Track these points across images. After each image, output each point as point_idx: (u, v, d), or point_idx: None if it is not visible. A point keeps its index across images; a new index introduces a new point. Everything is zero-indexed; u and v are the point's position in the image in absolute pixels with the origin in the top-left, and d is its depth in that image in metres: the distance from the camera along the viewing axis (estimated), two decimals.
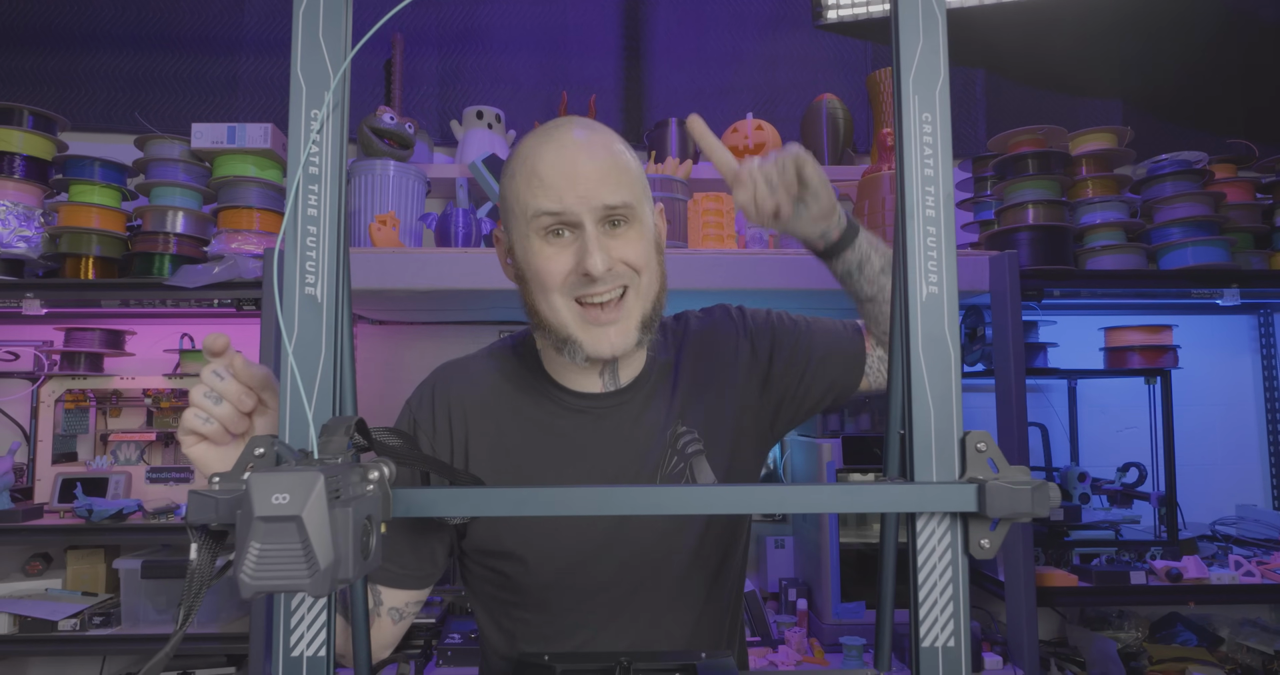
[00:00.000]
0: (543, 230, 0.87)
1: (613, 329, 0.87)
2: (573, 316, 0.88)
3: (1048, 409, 2.55)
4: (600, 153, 0.87)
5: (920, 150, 0.60)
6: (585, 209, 0.85)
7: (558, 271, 0.86)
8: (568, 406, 0.96)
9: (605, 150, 0.88)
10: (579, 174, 0.85)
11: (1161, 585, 1.98)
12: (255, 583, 0.45)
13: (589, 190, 0.85)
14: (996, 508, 0.55)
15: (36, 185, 1.96)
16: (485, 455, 0.94)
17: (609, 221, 0.87)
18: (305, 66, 0.59)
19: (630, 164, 0.90)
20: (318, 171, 0.59)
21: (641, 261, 0.88)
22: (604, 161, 0.87)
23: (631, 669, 0.75)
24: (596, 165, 0.86)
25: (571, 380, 0.96)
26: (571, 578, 0.94)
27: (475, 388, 0.97)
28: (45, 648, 1.88)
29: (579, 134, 0.88)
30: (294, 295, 0.58)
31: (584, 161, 0.86)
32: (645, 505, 0.58)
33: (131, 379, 2.11)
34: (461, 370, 1.00)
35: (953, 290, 0.60)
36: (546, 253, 0.87)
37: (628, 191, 0.87)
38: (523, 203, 0.87)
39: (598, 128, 0.91)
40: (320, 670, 0.57)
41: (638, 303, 0.89)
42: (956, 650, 0.58)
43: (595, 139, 0.89)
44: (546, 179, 0.85)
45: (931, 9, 0.61)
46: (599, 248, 0.85)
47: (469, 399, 0.96)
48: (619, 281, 0.87)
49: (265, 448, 0.55)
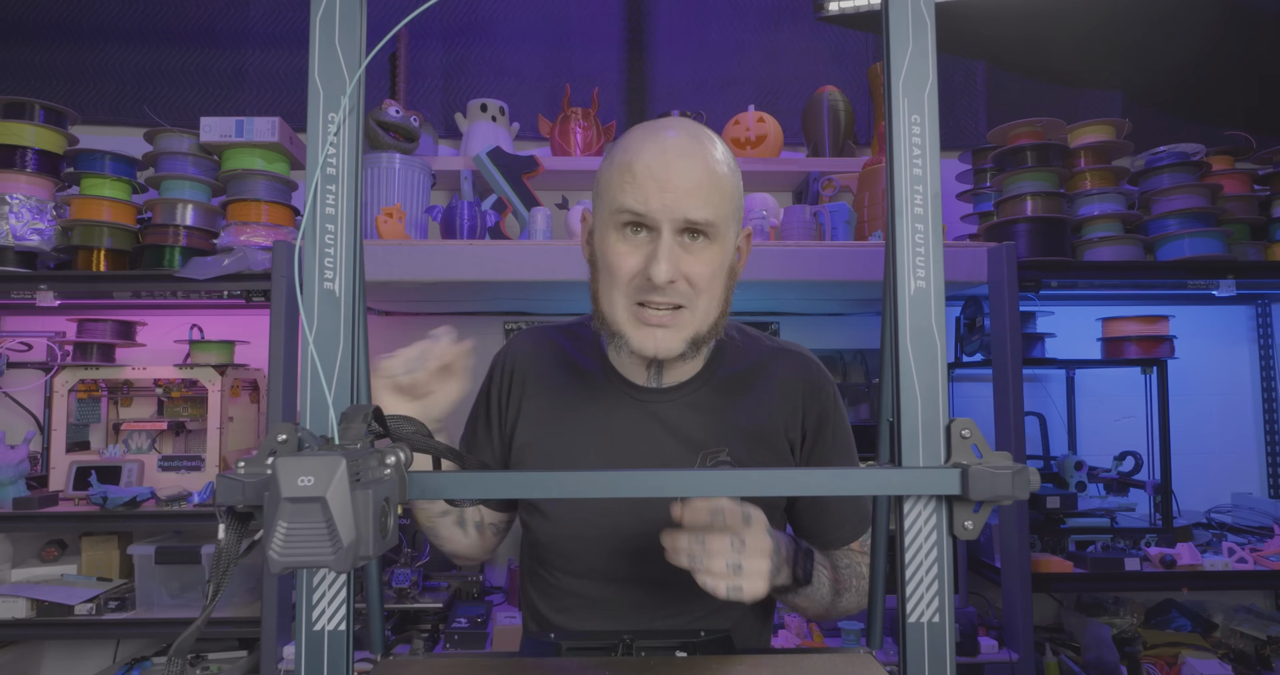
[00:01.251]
0: (621, 225, 0.88)
1: (661, 333, 0.88)
2: (627, 315, 0.90)
3: (1046, 399, 2.58)
4: (698, 165, 0.86)
5: (909, 150, 0.63)
6: (666, 217, 0.85)
7: (626, 269, 0.88)
8: (612, 389, 1.01)
9: (704, 163, 0.87)
10: (670, 181, 0.85)
11: (1155, 572, 2.02)
12: (283, 559, 0.49)
13: (675, 200, 0.85)
14: (979, 491, 0.58)
15: (48, 178, 1.99)
16: (535, 417, 1.02)
17: (688, 233, 0.87)
18: (322, 71, 0.62)
19: (726, 181, 0.89)
20: (335, 172, 0.62)
21: (705, 282, 0.88)
22: (699, 174, 0.86)
23: (634, 647, 0.78)
24: (690, 176, 0.85)
25: (622, 366, 1.01)
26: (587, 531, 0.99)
27: (539, 357, 1.06)
28: (62, 631, 1.92)
29: (684, 142, 0.87)
30: (313, 290, 0.61)
31: (679, 169, 0.85)
32: (640, 488, 0.61)
33: (143, 369, 2.14)
34: (533, 339, 1.08)
35: (939, 285, 0.63)
36: (620, 249, 0.88)
37: (714, 210, 0.86)
38: (611, 193, 0.89)
39: (705, 137, 0.90)
40: (340, 643, 0.60)
41: (691, 321, 0.89)
42: (941, 626, 0.61)
43: (697, 149, 0.87)
44: (639, 177, 0.86)
45: (921, 14, 0.64)
46: (668, 257, 0.85)
47: (530, 366, 1.05)
48: (677, 299, 0.88)
49: (288, 434, 0.58)
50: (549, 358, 1.06)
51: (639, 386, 1.01)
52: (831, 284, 2.01)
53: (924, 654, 0.61)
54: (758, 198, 2.25)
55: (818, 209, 2.14)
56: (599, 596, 1.01)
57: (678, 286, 0.87)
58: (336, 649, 0.60)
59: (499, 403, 1.06)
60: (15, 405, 2.35)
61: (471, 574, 2.11)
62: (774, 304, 2.45)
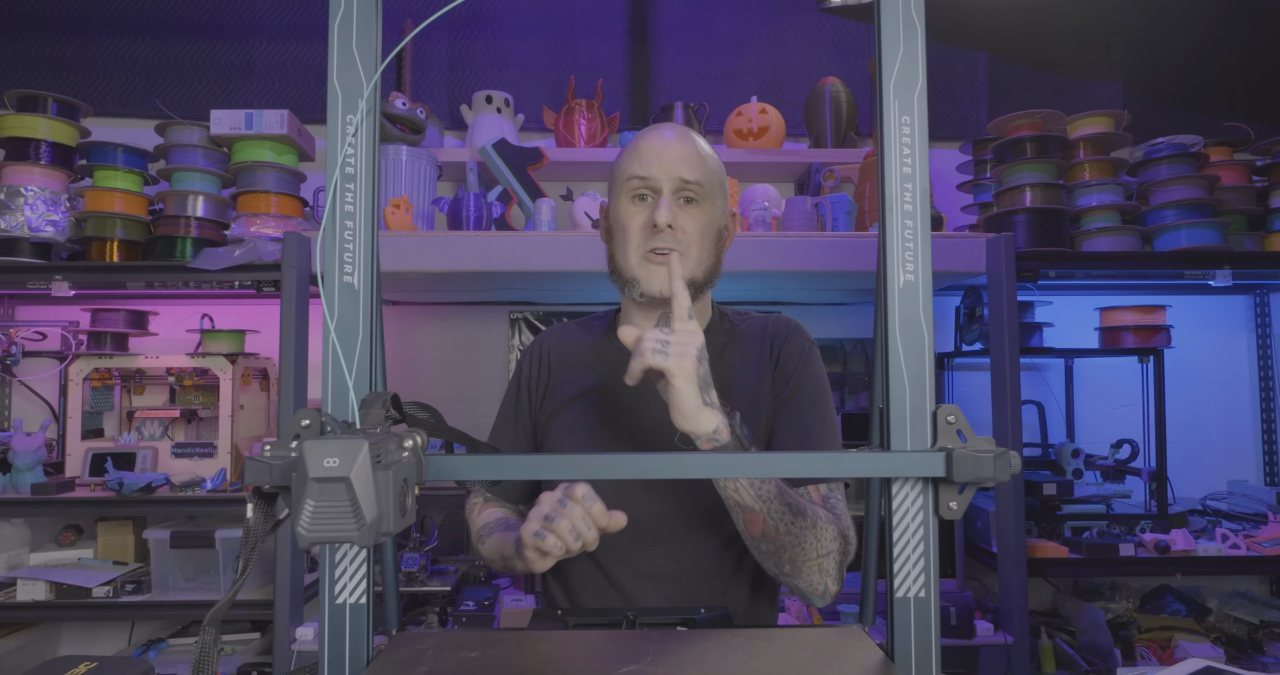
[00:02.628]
0: (631, 192, 1.09)
1: (662, 270, 1.05)
2: (639, 260, 1.09)
3: (1045, 387, 2.61)
4: (687, 142, 1.10)
5: (899, 150, 0.66)
6: (665, 177, 1.07)
7: (636, 224, 1.08)
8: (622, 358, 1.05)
9: (691, 143, 1.11)
10: (666, 151, 1.08)
11: (1149, 557, 2.05)
12: (310, 535, 0.52)
13: (671, 165, 1.07)
14: (962, 473, 0.62)
15: (62, 171, 2.02)
16: (567, 394, 1.16)
17: (683, 196, 1.08)
18: (341, 76, 0.65)
19: (710, 159, 1.11)
20: (354, 171, 0.65)
21: (697, 234, 1.08)
22: (688, 148, 1.09)
23: (637, 622, 0.82)
24: (682, 149, 1.09)
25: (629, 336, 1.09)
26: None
27: (567, 343, 1.22)
28: (80, 613, 1.97)
29: (675, 129, 1.12)
30: (334, 283, 0.65)
31: (672, 144, 1.09)
32: (640, 471, 0.64)
33: (155, 358, 2.18)
34: (561, 330, 1.26)
35: (928, 278, 0.66)
36: (630, 210, 1.09)
37: (702, 174, 1.09)
38: (622, 169, 1.11)
39: (693, 133, 1.14)
40: (361, 615, 0.64)
41: (688, 263, 1.08)
42: (927, 600, 0.65)
43: (686, 135, 1.12)
44: (642, 152, 1.09)
45: (912, 21, 0.67)
46: (667, 207, 1.06)
47: (559, 350, 1.21)
48: (673, 243, 1.07)
49: (311, 419, 0.62)
50: (577, 343, 1.21)
51: None
52: (832, 274, 2.04)
53: (911, 625, 0.64)
54: (760, 189, 2.27)
55: (819, 200, 2.17)
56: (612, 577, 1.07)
57: (675, 233, 1.07)
58: (357, 621, 0.64)
59: (529, 390, 1.20)
60: (31, 393, 2.40)
61: (477, 558, 2.16)
62: (776, 294, 2.48)
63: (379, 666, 0.64)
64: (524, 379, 1.21)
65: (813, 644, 0.70)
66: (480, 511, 1.17)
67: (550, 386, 1.19)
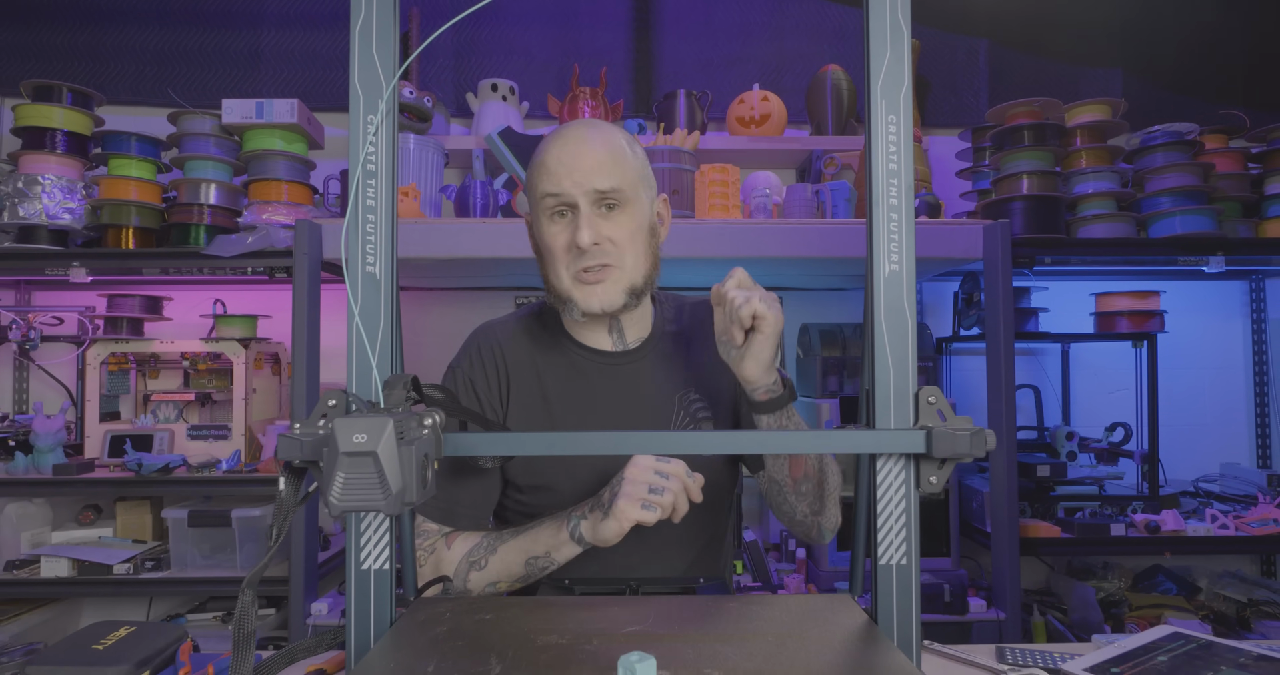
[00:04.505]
0: (549, 211, 1.03)
1: (599, 288, 1.02)
2: (571, 281, 1.04)
3: (1041, 372, 2.65)
4: (598, 145, 1.02)
5: (885, 148, 0.71)
6: (580, 192, 1.00)
7: (560, 245, 1.03)
8: (586, 360, 1.11)
9: (603, 144, 1.02)
10: (576, 163, 1.00)
11: (1140, 537, 2.11)
12: (341, 504, 0.57)
13: (583, 177, 1.00)
14: (941, 449, 0.67)
15: (77, 159, 2.06)
16: (525, 401, 1.11)
17: (604, 205, 1.02)
18: (362, 78, 0.70)
19: (627, 156, 1.04)
20: (374, 168, 0.70)
21: (626, 241, 1.03)
22: (600, 153, 1.01)
23: (640, 590, 0.87)
24: (593, 156, 1.01)
25: (586, 338, 1.12)
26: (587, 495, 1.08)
27: (511, 347, 1.13)
28: (101, 589, 2.03)
29: (582, 131, 1.04)
30: (357, 273, 0.70)
31: (582, 153, 1.01)
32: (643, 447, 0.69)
33: (170, 342, 2.24)
34: (497, 332, 1.16)
35: (911, 268, 0.70)
36: (551, 230, 1.04)
37: (620, 179, 1.01)
38: (535, 188, 1.05)
39: (602, 126, 1.06)
40: (384, 581, 0.70)
41: (623, 275, 1.04)
42: (908, 567, 0.70)
43: (595, 135, 1.03)
44: (550, 167, 1.02)
45: (899, 26, 0.71)
46: (588, 225, 1.00)
47: (507, 356, 1.13)
48: (604, 258, 1.02)
49: (338, 399, 0.67)
50: (522, 346, 1.14)
51: (608, 352, 1.12)
52: (832, 260, 2.08)
53: (893, 591, 0.70)
54: (761, 176, 2.31)
55: (819, 187, 2.20)
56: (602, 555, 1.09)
57: (603, 248, 1.02)
58: (381, 585, 0.70)
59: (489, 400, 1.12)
60: (48, 377, 2.46)
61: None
62: (776, 279, 2.52)
63: (402, 627, 0.70)
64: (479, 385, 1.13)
65: (804, 608, 0.75)
66: (451, 543, 1.07)
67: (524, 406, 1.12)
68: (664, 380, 1.12)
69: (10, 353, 2.47)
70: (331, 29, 2.57)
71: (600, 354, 1.12)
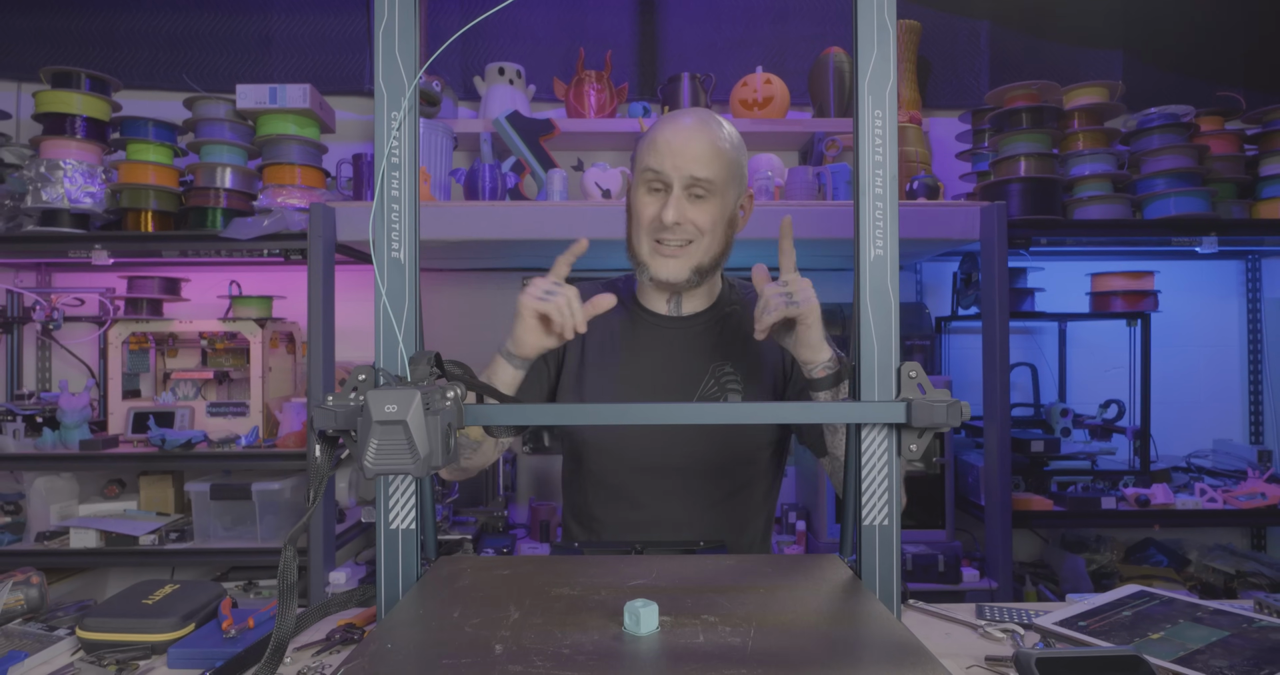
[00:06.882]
0: (646, 183, 1.16)
1: (672, 262, 1.16)
2: (649, 249, 1.17)
3: (1038, 350, 2.71)
4: (703, 138, 1.13)
5: (872, 140, 0.76)
6: (676, 175, 1.12)
7: (648, 215, 1.16)
8: (640, 318, 1.26)
9: (708, 137, 1.14)
10: (680, 149, 1.13)
11: (1130, 510, 2.17)
12: (375, 467, 0.64)
13: (683, 162, 1.12)
14: (920, 419, 0.73)
15: (96, 144, 2.12)
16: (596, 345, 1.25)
17: (694, 191, 1.13)
18: (386, 76, 0.75)
19: (726, 152, 1.14)
20: (398, 161, 0.75)
21: (707, 226, 1.15)
22: (703, 144, 1.13)
23: (644, 551, 0.94)
24: (696, 146, 1.13)
25: (649, 302, 1.26)
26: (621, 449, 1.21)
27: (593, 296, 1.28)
28: (127, 559, 2.12)
29: (693, 121, 1.16)
30: (383, 258, 0.76)
31: (688, 140, 1.13)
32: (642, 418, 0.75)
33: (189, 322, 2.30)
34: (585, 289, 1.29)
35: (894, 253, 0.76)
36: (645, 200, 1.16)
37: (714, 172, 1.13)
38: (640, 158, 1.18)
39: (712, 121, 1.17)
40: (411, 539, 0.76)
41: (696, 253, 1.16)
42: (890, 528, 0.76)
43: (703, 127, 1.15)
44: (658, 146, 1.14)
45: (885, 24, 0.76)
46: (676, 206, 1.13)
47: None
48: (685, 236, 1.15)
49: (368, 374, 0.73)
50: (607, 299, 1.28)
51: (661, 315, 1.25)
52: (833, 241, 2.13)
53: (875, 549, 0.76)
54: (763, 158, 2.35)
55: (820, 169, 2.25)
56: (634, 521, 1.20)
57: (685, 228, 1.14)
58: (408, 544, 0.76)
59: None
60: (71, 357, 2.53)
61: (496, 509, 2.30)
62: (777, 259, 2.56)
63: (427, 581, 0.77)
64: None
65: (794, 566, 0.81)
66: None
67: (574, 347, 1.25)
68: (703, 349, 1.23)
69: (34, 333, 2.54)
70: (341, 13, 2.61)
71: (654, 315, 1.25)
